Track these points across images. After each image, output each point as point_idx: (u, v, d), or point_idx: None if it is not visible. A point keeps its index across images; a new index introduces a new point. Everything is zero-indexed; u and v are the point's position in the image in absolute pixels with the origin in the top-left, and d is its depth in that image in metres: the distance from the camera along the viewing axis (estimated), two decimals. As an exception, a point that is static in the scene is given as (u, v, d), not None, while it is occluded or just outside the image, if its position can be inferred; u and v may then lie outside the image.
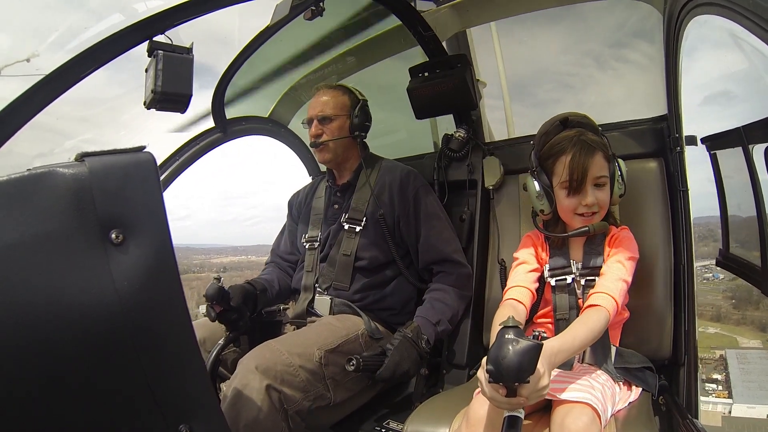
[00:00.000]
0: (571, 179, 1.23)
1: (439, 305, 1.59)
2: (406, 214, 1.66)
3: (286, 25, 1.68)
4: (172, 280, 0.58)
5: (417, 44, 1.94)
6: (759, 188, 1.16)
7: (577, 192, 1.24)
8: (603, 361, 1.21)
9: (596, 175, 1.24)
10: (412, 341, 1.46)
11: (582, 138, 1.24)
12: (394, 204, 1.66)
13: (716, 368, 12.06)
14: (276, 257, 1.92)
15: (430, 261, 1.67)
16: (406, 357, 1.42)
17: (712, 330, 12.75)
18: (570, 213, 1.27)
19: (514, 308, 1.22)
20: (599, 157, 1.24)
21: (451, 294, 1.62)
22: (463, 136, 1.88)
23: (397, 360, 1.40)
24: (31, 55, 1.07)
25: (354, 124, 1.68)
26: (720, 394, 11.30)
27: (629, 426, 1.09)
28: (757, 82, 1.23)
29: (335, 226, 1.70)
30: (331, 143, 1.66)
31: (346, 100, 1.70)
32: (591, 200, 1.23)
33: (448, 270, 1.66)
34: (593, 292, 1.18)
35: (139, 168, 0.57)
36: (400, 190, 1.67)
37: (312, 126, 1.68)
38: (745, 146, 1.15)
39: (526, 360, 0.82)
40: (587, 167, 1.22)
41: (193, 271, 15.96)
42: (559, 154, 1.25)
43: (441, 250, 1.66)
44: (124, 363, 0.54)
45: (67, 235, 0.52)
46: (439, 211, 1.71)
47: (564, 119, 1.30)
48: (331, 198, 1.78)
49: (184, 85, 1.01)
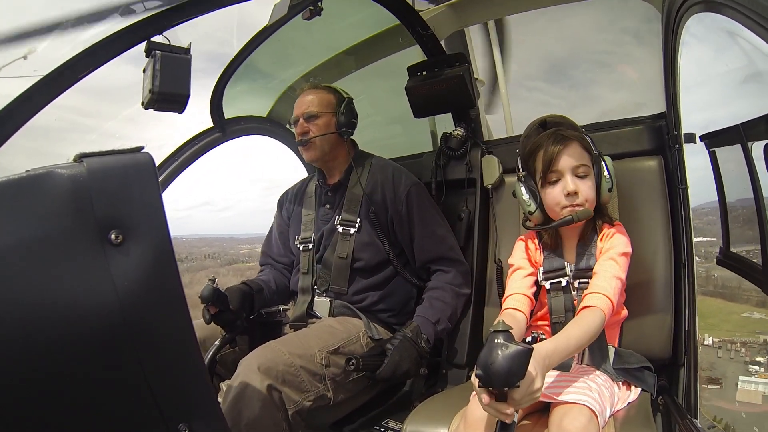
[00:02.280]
0: (545, 168, 1.25)
1: (438, 304, 1.59)
2: (399, 214, 1.65)
3: (284, 24, 1.68)
4: (172, 280, 0.58)
5: (415, 43, 1.94)
6: (758, 186, 1.16)
7: (557, 182, 1.26)
8: (601, 362, 1.21)
9: (574, 164, 1.25)
10: (412, 341, 1.46)
11: (556, 132, 1.28)
12: (387, 204, 1.65)
13: (759, 352, 12.79)
14: (269, 259, 1.89)
15: (427, 260, 1.67)
16: (406, 357, 1.42)
17: (757, 315, 13.30)
18: (555, 207, 1.27)
19: (513, 317, 1.22)
20: (575, 146, 1.26)
21: (449, 292, 1.62)
22: (461, 135, 1.88)
23: (396, 360, 1.41)
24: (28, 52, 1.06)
25: (340, 121, 1.66)
26: (762, 375, 12.08)
27: (628, 426, 1.09)
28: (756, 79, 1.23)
29: (329, 226, 1.69)
30: (318, 140, 1.64)
31: (332, 98, 1.69)
32: (572, 187, 1.24)
33: (445, 268, 1.65)
34: (587, 293, 1.17)
35: (138, 168, 0.57)
36: (393, 190, 1.66)
37: (298, 125, 1.67)
38: (744, 143, 1.15)
39: (515, 364, 0.82)
40: (560, 155, 1.24)
41: (242, 261, 15.96)
42: (536, 150, 1.28)
43: (436, 249, 1.66)
44: (123, 363, 0.54)
45: (66, 235, 0.52)
46: (432, 209, 1.70)
47: (543, 122, 1.34)
48: (322, 198, 1.77)
49: (182, 85, 1.01)
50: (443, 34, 2.02)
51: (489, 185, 1.80)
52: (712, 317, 13.61)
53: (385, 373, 1.39)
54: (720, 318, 13.60)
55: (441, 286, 1.63)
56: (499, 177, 1.79)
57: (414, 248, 1.67)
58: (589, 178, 1.26)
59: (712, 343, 13.20)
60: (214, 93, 1.98)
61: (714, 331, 13.28)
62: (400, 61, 2.02)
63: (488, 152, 1.84)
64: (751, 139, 1.13)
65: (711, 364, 12.85)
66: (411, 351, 1.44)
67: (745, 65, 1.32)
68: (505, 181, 1.79)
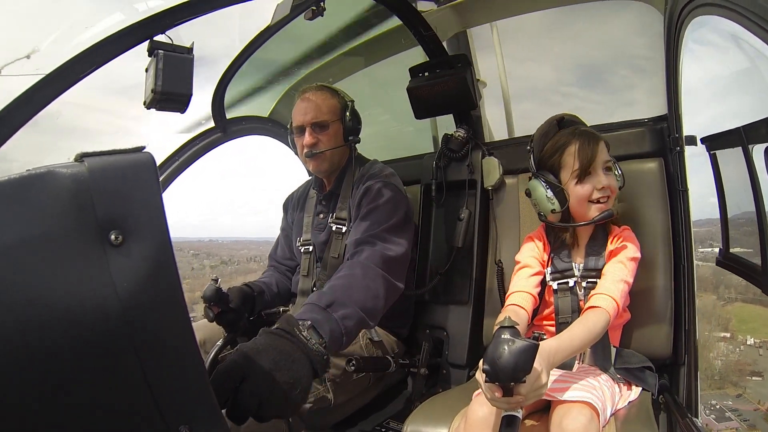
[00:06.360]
0: (582, 165, 1.26)
1: (337, 283, 1.21)
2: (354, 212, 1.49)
3: (286, 24, 1.68)
4: (172, 281, 0.57)
5: (417, 44, 1.94)
6: (759, 188, 1.16)
7: (590, 178, 1.26)
8: (603, 362, 1.21)
9: (605, 159, 1.28)
10: (281, 331, 0.91)
11: (583, 129, 1.31)
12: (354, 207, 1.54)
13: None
14: (273, 262, 1.90)
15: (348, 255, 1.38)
16: (263, 353, 0.85)
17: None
18: (584, 202, 1.27)
19: (516, 313, 1.22)
20: (603, 144, 1.29)
21: (357, 269, 1.26)
22: (462, 136, 1.88)
23: (243, 355, 0.85)
24: (32, 51, 1.06)
25: (347, 128, 1.58)
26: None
27: (629, 425, 1.09)
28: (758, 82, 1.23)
29: (325, 231, 1.67)
30: (329, 152, 1.55)
31: (337, 103, 1.58)
32: (606, 182, 1.26)
33: (363, 248, 1.34)
34: (594, 293, 1.18)
35: (139, 168, 0.57)
36: (360, 192, 1.53)
37: (306, 134, 1.55)
38: (744, 146, 1.15)
39: (521, 360, 0.83)
40: (596, 151, 1.26)
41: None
42: (564, 146, 1.29)
43: (354, 238, 1.38)
44: (123, 364, 0.54)
45: (65, 235, 0.52)
46: (377, 207, 1.45)
47: (560, 119, 1.35)
48: (317, 207, 1.73)
49: (185, 84, 1.01)
50: (445, 35, 2.02)
51: (489, 187, 1.80)
52: (752, 322, 15.28)
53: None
54: (760, 323, 15.20)
55: (349, 264, 1.30)
56: (499, 179, 1.79)
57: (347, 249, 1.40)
58: (613, 172, 1.31)
59: (754, 343, 15.04)
60: (216, 92, 1.98)
61: (755, 333, 15.13)
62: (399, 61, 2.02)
63: (489, 154, 1.84)
64: (752, 141, 1.13)
65: (754, 360, 14.73)
66: (276, 342, 0.88)
67: (746, 68, 1.32)
68: (506, 183, 1.79)
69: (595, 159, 1.26)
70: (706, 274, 13.38)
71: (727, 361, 14.82)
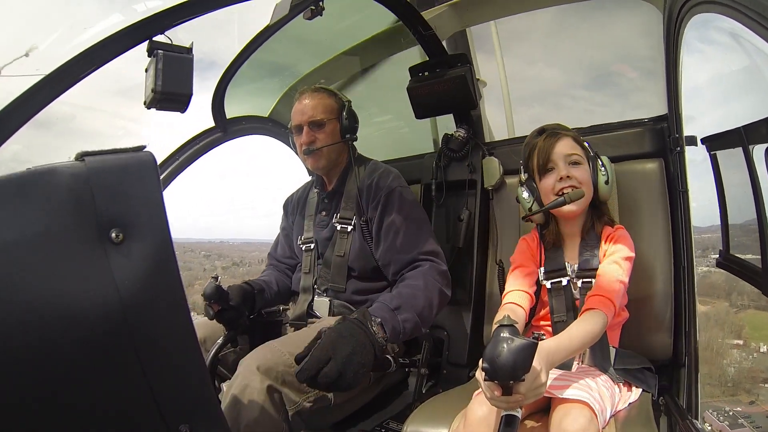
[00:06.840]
0: (541, 159, 1.31)
1: (406, 291, 1.40)
2: (373, 219, 1.57)
3: (285, 24, 1.68)
4: (173, 280, 0.57)
5: (417, 43, 1.94)
6: (759, 189, 1.16)
7: (552, 173, 1.30)
8: (603, 363, 1.21)
9: (566, 153, 1.31)
10: (358, 322, 1.19)
11: (550, 130, 1.35)
12: (369, 209, 1.59)
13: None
14: (273, 260, 1.90)
15: (400, 269, 1.51)
16: (347, 338, 1.15)
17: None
18: (550, 194, 1.30)
19: (513, 311, 1.23)
20: (567, 139, 1.33)
21: (421, 280, 1.42)
22: (462, 136, 1.88)
23: (333, 339, 1.13)
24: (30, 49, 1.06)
25: (344, 127, 1.63)
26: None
27: (629, 426, 1.09)
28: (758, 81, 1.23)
29: (327, 230, 1.68)
30: (325, 149, 1.61)
31: (333, 103, 1.64)
32: (564, 172, 1.29)
33: (421, 263, 1.49)
34: (591, 295, 1.18)
35: (139, 167, 0.57)
36: (374, 194, 1.58)
37: (303, 133, 1.61)
38: (745, 146, 1.15)
39: (520, 358, 0.83)
40: (553, 146, 1.31)
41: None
42: (533, 148, 1.35)
43: (408, 257, 1.50)
44: (124, 362, 0.54)
45: (67, 234, 0.52)
46: (409, 216, 1.55)
47: (541, 129, 1.40)
48: (319, 205, 1.75)
49: (184, 84, 1.01)
50: (445, 34, 2.02)
51: (490, 187, 1.80)
52: (765, 329, 15.85)
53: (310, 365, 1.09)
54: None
55: (413, 275, 1.45)
56: (500, 178, 1.79)
57: (381, 259, 1.54)
58: (582, 165, 1.31)
59: (767, 350, 15.46)
60: (216, 92, 1.98)
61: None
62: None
63: (489, 154, 1.84)
64: (752, 142, 1.13)
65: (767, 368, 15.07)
66: (355, 332, 1.16)
67: (746, 66, 1.32)
68: (506, 183, 1.79)
69: (553, 152, 1.30)
70: (719, 280, 13.63)
71: (740, 368, 14.96)
